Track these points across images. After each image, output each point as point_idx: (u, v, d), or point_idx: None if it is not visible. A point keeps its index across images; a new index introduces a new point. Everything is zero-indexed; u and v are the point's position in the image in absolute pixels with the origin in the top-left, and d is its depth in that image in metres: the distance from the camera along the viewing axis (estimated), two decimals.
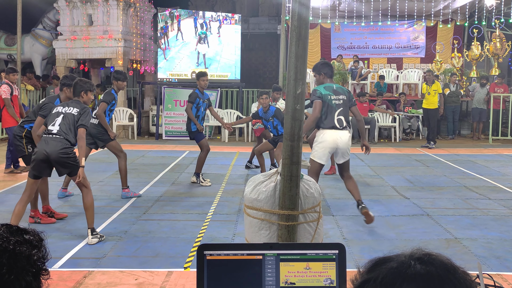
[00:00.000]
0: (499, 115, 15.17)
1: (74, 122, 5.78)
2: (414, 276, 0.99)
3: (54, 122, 5.78)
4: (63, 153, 5.64)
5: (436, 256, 1.03)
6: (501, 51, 16.45)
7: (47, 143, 5.65)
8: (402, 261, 1.02)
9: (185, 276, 4.83)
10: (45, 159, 5.64)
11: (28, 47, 17.35)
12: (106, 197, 7.90)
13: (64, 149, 5.65)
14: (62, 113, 5.82)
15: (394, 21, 18.29)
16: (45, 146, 5.64)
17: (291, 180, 3.81)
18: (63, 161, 5.66)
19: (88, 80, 6.26)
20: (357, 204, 6.51)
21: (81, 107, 5.88)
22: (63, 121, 5.76)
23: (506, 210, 7.31)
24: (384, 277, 1.00)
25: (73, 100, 6.02)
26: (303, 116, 3.91)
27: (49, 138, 5.69)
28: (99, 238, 5.78)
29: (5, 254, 1.19)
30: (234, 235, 6.12)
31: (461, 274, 1.01)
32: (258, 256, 1.53)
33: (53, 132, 5.72)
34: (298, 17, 3.81)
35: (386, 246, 5.71)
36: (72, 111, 5.83)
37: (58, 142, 5.66)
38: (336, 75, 16.27)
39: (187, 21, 16.30)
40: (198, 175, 8.88)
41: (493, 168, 10.64)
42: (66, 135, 5.72)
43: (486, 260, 5.24)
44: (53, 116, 5.85)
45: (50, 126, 5.78)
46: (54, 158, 5.62)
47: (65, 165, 5.70)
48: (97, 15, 15.43)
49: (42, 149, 5.63)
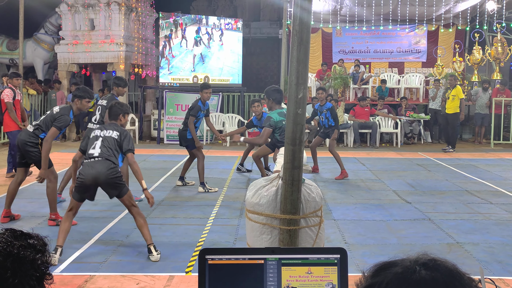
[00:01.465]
0: (501, 119, 15.15)
1: (115, 145, 5.63)
2: (419, 282, 0.98)
3: (94, 145, 5.61)
4: (110, 173, 5.45)
5: (441, 262, 1.02)
6: (502, 55, 16.44)
7: (93, 167, 5.46)
8: (407, 266, 1.01)
9: (187, 280, 4.82)
10: (93, 183, 5.47)
11: (30, 52, 17.37)
12: (108, 201, 7.88)
13: (111, 170, 5.46)
14: (101, 137, 5.65)
15: (396, 25, 18.31)
16: (91, 170, 5.44)
17: (292, 185, 3.80)
18: (112, 182, 5.48)
19: (125, 103, 6.23)
20: None
21: (121, 131, 5.74)
22: (103, 143, 5.60)
23: (508, 214, 7.29)
24: (388, 282, 1.00)
25: (111, 123, 5.87)
26: (304, 121, 3.91)
27: (92, 162, 5.50)
28: (159, 253, 5.48)
29: (9, 258, 1.19)
30: (235, 240, 6.11)
31: (466, 281, 0.99)
32: (259, 260, 1.53)
33: (94, 155, 5.53)
34: (299, 22, 3.82)
35: (388, 250, 5.70)
36: (111, 134, 5.67)
37: (103, 163, 5.48)
38: (338, 80, 16.30)
39: (191, 28, 16.39)
40: (203, 184, 8.75)
41: (495, 172, 10.63)
42: (109, 156, 5.54)
43: (488, 265, 5.23)
44: (92, 140, 5.66)
45: (90, 150, 5.59)
46: (103, 180, 5.44)
47: (114, 186, 5.51)
48: (99, 20, 15.46)
49: (89, 174, 5.43)
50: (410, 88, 17.34)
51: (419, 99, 17.05)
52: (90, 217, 7.02)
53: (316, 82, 16.82)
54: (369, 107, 15.19)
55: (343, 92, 16.66)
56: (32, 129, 6.64)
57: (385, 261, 1.06)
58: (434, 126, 16.25)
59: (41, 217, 6.95)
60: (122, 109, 5.93)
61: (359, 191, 8.76)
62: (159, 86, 15.96)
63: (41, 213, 7.10)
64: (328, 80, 16.61)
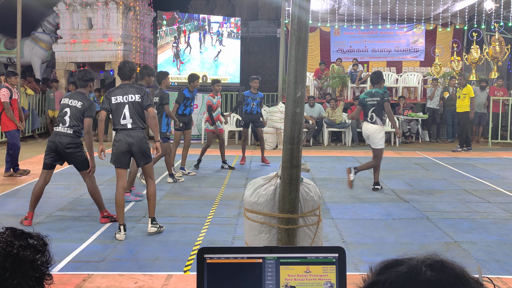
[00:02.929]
0: (499, 118, 15.17)
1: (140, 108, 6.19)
2: (423, 283, 0.96)
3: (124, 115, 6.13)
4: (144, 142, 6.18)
5: (449, 264, 1.00)
6: (500, 54, 16.46)
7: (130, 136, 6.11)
8: (413, 266, 1.00)
9: (185, 279, 4.82)
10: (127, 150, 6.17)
11: (28, 51, 17.35)
12: (106, 200, 7.88)
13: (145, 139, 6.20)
14: (127, 103, 6.15)
15: (394, 24, 18.32)
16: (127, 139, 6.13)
17: (291, 184, 3.81)
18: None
19: (132, 61, 6.71)
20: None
21: (141, 91, 6.23)
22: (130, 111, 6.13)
23: (506, 213, 7.30)
24: (393, 281, 0.99)
25: (128, 84, 6.31)
26: (302, 119, 3.91)
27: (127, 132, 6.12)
28: (157, 228, 6.12)
29: (8, 259, 1.18)
30: (233, 239, 6.11)
31: (473, 285, 0.98)
32: (258, 259, 1.53)
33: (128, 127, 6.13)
34: (297, 21, 3.82)
35: (386, 249, 5.71)
36: (134, 98, 6.14)
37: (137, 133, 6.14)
38: (336, 79, 16.31)
39: (195, 35, 16.49)
40: (172, 176, 9.32)
41: (492, 171, 10.64)
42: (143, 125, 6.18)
43: (486, 264, 5.24)
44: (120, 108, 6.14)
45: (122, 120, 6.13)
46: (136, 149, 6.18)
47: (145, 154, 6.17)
48: (96, 19, 15.44)
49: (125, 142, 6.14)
50: (408, 87, 17.35)
51: (417, 98, 17.06)
52: (88, 216, 7.01)
53: (314, 81, 16.82)
54: None
55: (341, 91, 16.66)
56: (72, 130, 6.53)
57: (392, 259, 1.05)
58: (432, 125, 16.26)
59: (38, 216, 6.93)
60: (134, 67, 6.36)
61: (357, 190, 8.76)
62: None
63: (39, 212, 7.08)
64: (326, 79, 16.61)
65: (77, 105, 6.55)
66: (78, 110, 6.53)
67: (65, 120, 6.53)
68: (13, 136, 9.62)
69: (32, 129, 15.37)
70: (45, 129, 16.07)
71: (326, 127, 14.98)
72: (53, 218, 6.88)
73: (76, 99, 6.60)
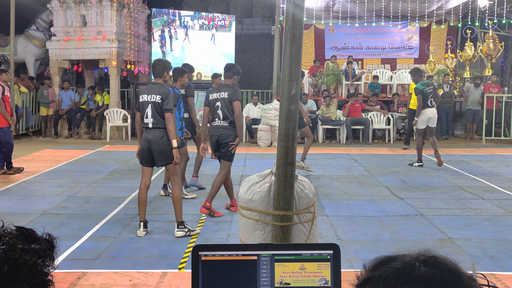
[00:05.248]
0: (493, 115, 15.22)
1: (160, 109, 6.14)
2: (417, 278, 0.97)
3: (146, 113, 6.15)
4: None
5: (442, 260, 1.01)
6: (494, 51, 16.51)
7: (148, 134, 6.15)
8: (407, 262, 1.01)
9: (180, 277, 4.82)
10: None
11: (21, 48, 17.26)
12: (100, 198, 7.89)
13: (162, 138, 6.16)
14: (150, 102, 6.14)
15: (388, 22, 18.34)
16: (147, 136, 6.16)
17: (285, 181, 3.81)
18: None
19: (166, 60, 6.59)
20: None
21: (163, 92, 6.15)
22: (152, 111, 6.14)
23: (500, 210, 7.34)
24: (387, 276, 1.00)
25: (155, 84, 6.29)
26: (297, 117, 3.91)
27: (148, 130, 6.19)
28: (185, 232, 6.03)
29: (7, 263, 1.14)
30: (228, 236, 6.12)
31: (466, 280, 0.99)
32: (253, 256, 1.53)
33: (149, 126, 6.16)
34: (292, 18, 3.81)
35: (380, 246, 5.73)
36: (156, 99, 6.11)
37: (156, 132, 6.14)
38: (330, 76, 16.32)
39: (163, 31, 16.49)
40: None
41: (486, 168, 10.68)
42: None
43: (479, 260, 5.26)
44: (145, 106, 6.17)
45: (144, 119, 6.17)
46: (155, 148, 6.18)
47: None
48: (90, 16, 15.37)
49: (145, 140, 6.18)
50: (402, 85, 17.37)
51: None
52: (83, 214, 7.00)
53: (309, 79, 16.82)
54: (359, 102, 15.22)
55: (335, 88, 16.68)
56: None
57: (386, 256, 1.06)
58: None
59: (33, 214, 6.92)
60: (165, 65, 6.30)
61: (351, 187, 8.78)
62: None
63: (33, 210, 7.07)
64: (321, 77, 16.62)
65: (225, 96, 6.97)
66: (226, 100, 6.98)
67: (219, 114, 6.95)
68: (6, 134, 9.58)
69: (26, 127, 15.31)
70: (38, 127, 16.02)
71: (321, 124, 14.99)
72: (48, 216, 6.86)
73: (224, 91, 7.02)
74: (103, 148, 13.22)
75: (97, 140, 14.86)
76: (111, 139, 14.91)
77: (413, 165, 10.93)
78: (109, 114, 15.04)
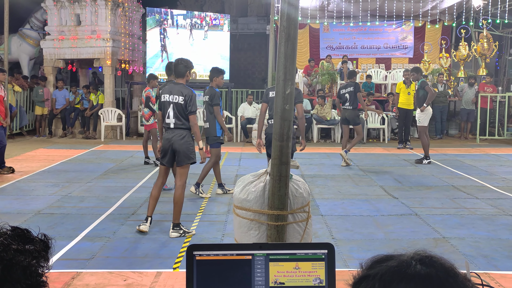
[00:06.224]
0: (487, 114, 15.27)
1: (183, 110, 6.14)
2: (413, 276, 0.98)
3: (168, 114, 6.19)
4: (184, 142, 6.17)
5: (438, 259, 1.03)
6: (488, 51, 16.56)
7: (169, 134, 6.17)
8: (403, 261, 1.02)
9: (174, 276, 4.82)
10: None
11: (16, 47, 17.20)
12: (95, 197, 7.87)
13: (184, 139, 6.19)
14: (172, 103, 6.16)
15: (383, 21, 18.37)
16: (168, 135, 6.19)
17: (280, 180, 3.81)
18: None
19: (188, 59, 6.37)
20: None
21: (186, 93, 6.13)
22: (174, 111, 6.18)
23: (494, 209, 7.36)
24: (383, 274, 1.00)
25: (178, 84, 6.22)
26: (292, 116, 3.91)
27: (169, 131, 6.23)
28: (180, 234, 6.02)
29: (1, 263, 1.13)
30: (223, 236, 6.11)
31: (461, 279, 1.00)
32: (247, 256, 1.53)
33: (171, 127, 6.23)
34: (287, 18, 3.81)
35: (375, 245, 5.74)
36: (178, 100, 6.09)
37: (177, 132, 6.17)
38: (325, 76, 16.33)
39: (155, 30, 16.41)
40: (198, 185, 8.11)
41: (480, 167, 10.72)
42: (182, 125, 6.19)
43: (473, 259, 5.28)
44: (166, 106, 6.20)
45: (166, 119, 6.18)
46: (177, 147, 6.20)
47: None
48: (85, 15, 15.33)
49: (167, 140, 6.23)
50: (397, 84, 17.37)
51: None
52: (77, 213, 6.97)
53: (304, 78, 16.83)
54: None
55: (330, 88, 16.69)
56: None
57: (383, 255, 1.07)
58: None
59: (27, 213, 6.89)
60: (188, 65, 6.19)
61: (346, 187, 8.79)
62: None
63: (27, 210, 7.05)
64: (316, 76, 16.63)
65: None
66: None
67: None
68: (0, 134, 9.54)
69: (20, 126, 15.26)
70: (33, 126, 15.96)
71: (316, 123, 14.99)
72: (42, 216, 6.84)
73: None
74: (98, 148, 13.19)
75: (91, 140, 14.83)
76: (106, 139, 14.88)
77: (423, 162, 11.11)
78: (103, 113, 15.00)
